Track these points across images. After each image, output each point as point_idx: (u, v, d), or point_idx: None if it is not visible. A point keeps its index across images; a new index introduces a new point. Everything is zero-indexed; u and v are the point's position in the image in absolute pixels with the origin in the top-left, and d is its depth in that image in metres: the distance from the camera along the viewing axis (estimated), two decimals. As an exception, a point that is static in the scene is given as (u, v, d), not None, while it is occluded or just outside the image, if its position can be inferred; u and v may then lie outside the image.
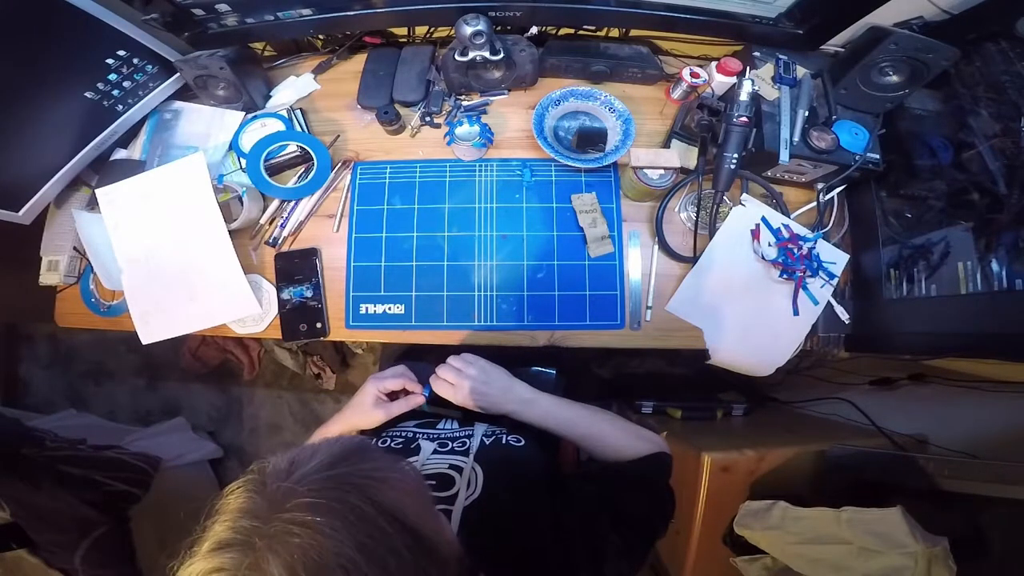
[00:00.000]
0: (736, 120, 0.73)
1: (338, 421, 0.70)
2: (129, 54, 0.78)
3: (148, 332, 0.83)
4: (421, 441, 0.64)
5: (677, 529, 0.87)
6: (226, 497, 0.34)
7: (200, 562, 0.31)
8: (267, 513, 0.32)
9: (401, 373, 0.70)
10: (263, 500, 0.32)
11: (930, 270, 0.71)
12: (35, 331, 1.88)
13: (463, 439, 0.65)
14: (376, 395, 0.68)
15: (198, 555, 0.31)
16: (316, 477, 0.34)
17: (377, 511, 0.33)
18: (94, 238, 0.85)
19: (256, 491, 0.33)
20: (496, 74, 0.86)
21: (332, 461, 0.36)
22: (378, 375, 0.71)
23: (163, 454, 1.27)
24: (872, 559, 0.64)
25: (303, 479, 0.33)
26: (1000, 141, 0.64)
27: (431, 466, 0.59)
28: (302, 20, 0.78)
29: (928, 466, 0.73)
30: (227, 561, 0.30)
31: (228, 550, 0.30)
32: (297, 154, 0.87)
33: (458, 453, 0.61)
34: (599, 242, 0.83)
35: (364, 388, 0.69)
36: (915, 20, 0.70)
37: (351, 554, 0.31)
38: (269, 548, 0.30)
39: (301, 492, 0.32)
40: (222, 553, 0.30)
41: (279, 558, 0.30)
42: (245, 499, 0.33)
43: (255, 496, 0.33)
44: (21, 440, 1.01)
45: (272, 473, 0.34)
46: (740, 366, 0.83)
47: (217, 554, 0.30)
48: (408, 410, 0.69)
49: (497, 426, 0.69)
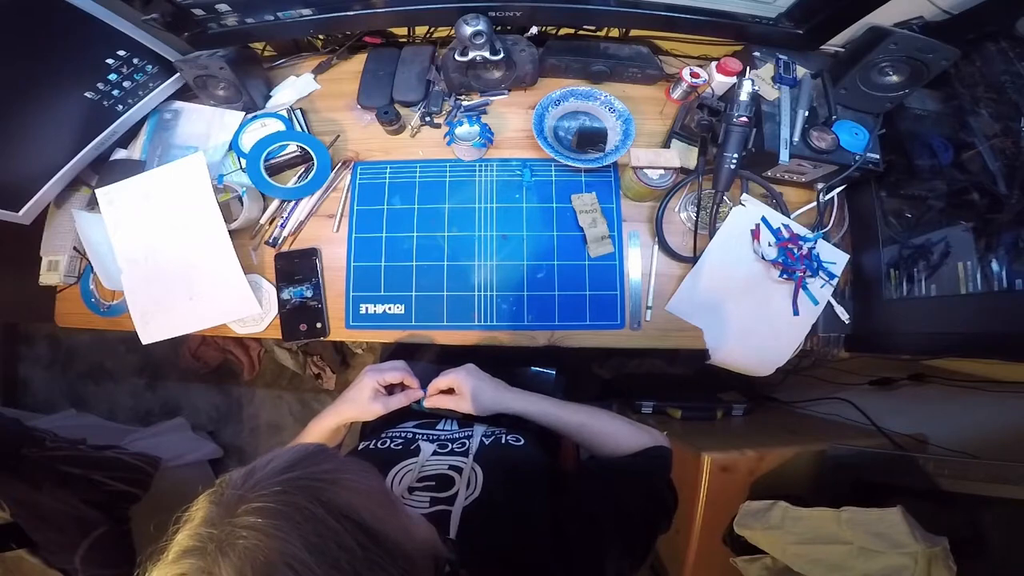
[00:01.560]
0: (736, 120, 0.73)
1: (331, 413, 0.68)
2: (129, 54, 0.78)
3: (148, 332, 0.83)
4: (421, 443, 0.64)
5: (677, 529, 0.87)
6: (193, 507, 0.36)
7: (164, 567, 0.33)
8: (220, 519, 0.33)
9: (400, 367, 0.70)
10: (219, 508, 0.34)
11: (930, 270, 0.71)
12: (35, 331, 1.89)
13: (462, 440, 0.65)
14: (374, 388, 0.67)
15: (163, 562, 0.33)
16: (267, 483, 0.35)
17: (326, 511, 0.34)
18: (94, 238, 0.85)
19: (215, 501, 0.35)
20: (496, 74, 0.86)
21: (284, 466, 0.37)
22: (376, 367, 0.70)
23: (163, 454, 1.27)
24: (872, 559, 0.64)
25: (256, 486, 0.35)
26: (1000, 141, 0.64)
27: (431, 467, 0.59)
28: (302, 20, 0.78)
29: (928, 466, 0.73)
30: (186, 566, 0.32)
31: (187, 556, 0.32)
32: (297, 154, 0.87)
33: (458, 454, 0.61)
34: (599, 242, 0.83)
35: (360, 380, 0.68)
36: (915, 20, 0.70)
37: (298, 553, 0.32)
38: (220, 551, 0.32)
39: (251, 498, 0.34)
40: (182, 560, 0.32)
41: (228, 560, 0.31)
42: (205, 509, 0.35)
43: (213, 506, 0.35)
44: (21, 440, 1.01)
45: (230, 483, 0.36)
46: (740, 366, 0.83)
47: (177, 561, 0.33)
48: (407, 404, 0.69)
49: (497, 426, 0.69)
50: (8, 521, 0.98)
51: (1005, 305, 0.61)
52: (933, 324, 0.70)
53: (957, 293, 0.66)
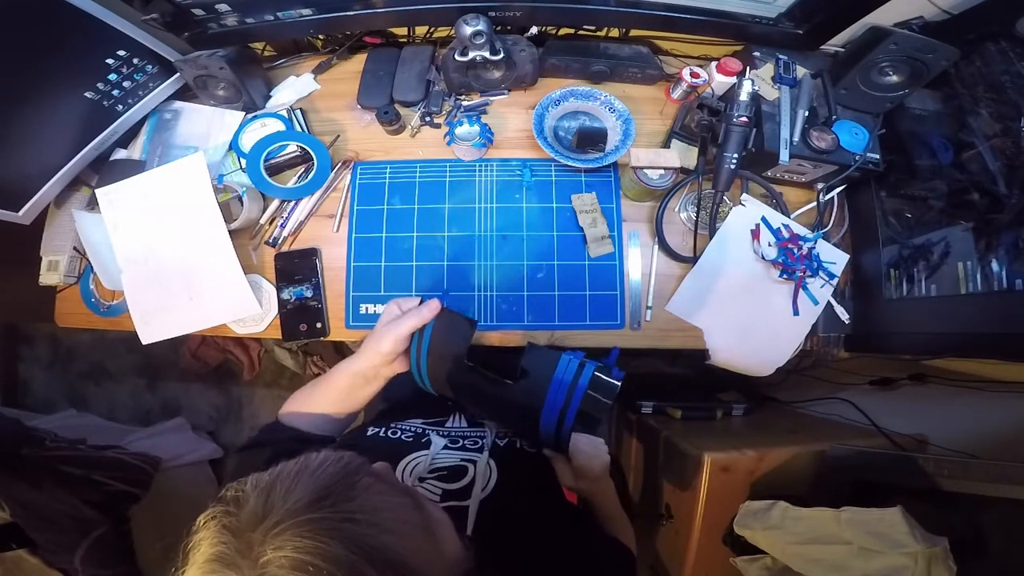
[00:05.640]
0: (736, 120, 0.73)
1: (358, 354, 0.63)
2: (129, 54, 0.78)
3: (148, 332, 0.83)
4: (432, 436, 0.62)
5: (677, 529, 0.87)
6: (198, 532, 0.32)
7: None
8: (237, 559, 0.30)
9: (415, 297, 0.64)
10: (234, 550, 0.30)
11: (930, 270, 0.71)
12: (35, 331, 1.89)
13: (475, 438, 0.64)
14: (393, 312, 0.59)
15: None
16: (291, 523, 0.31)
17: (366, 559, 0.31)
18: (94, 238, 0.85)
19: (227, 538, 0.31)
20: (496, 74, 0.86)
21: (311, 500, 0.32)
22: (396, 300, 0.63)
23: (163, 454, 1.27)
24: (872, 559, 0.64)
25: (278, 525, 0.31)
26: (1000, 141, 0.64)
27: (443, 459, 0.58)
28: (302, 20, 0.78)
29: (928, 466, 0.73)
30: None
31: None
32: (297, 154, 0.87)
33: (471, 450, 0.60)
34: (599, 242, 0.83)
35: (384, 312, 0.62)
36: (915, 20, 0.70)
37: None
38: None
39: (274, 541, 0.30)
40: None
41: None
42: (217, 544, 0.31)
43: (225, 546, 0.31)
44: (21, 440, 1.01)
45: (246, 516, 0.31)
46: (740, 366, 0.83)
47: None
48: (422, 322, 0.59)
49: None
50: (8, 521, 0.98)
51: (1005, 305, 0.61)
52: (933, 324, 0.70)
53: (957, 293, 0.66)
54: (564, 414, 0.54)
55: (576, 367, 0.54)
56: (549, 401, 0.54)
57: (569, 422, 0.54)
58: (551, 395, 0.54)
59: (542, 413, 0.54)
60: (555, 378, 0.54)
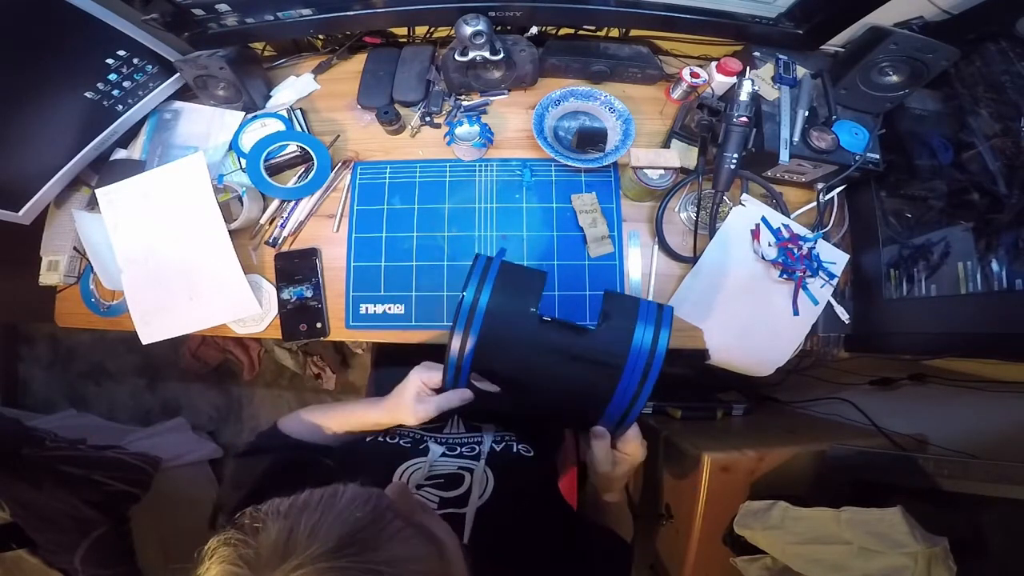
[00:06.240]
0: (736, 120, 0.73)
1: (379, 409, 0.61)
2: (129, 54, 0.78)
3: (148, 332, 0.83)
4: (430, 443, 0.62)
5: (677, 529, 0.87)
6: (211, 557, 0.31)
7: None
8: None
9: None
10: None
11: (930, 270, 0.71)
12: (35, 331, 1.89)
13: (472, 444, 0.64)
14: (419, 388, 0.58)
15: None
16: (312, 569, 0.29)
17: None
18: (94, 238, 0.85)
19: (244, 572, 0.30)
20: (496, 74, 0.86)
21: (336, 546, 0.31)
22: (425, 365, 0.61)
23: (163, 454, 1.27)
24: (872, 559, 0.64)
25: (299, 569, 0.29)
26: (1000, 141, 0.64)
27: (440, 467, 0.58)
28: (302, 20, 0.78)
29: (928, 466, 0.73)
30: None
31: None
32: (297, 154, 0.87)
33: (468, 457, 0.60)
34: (599, 242, 0.83)
35: (408, 381, 0.60)
36: (915, 20, 0.70)
37: None
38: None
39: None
40: None
41: None
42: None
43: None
44: (21, 440, 1.01)
45: (266, 552, 0.30)
46: (740, 366, 0.83)
47: None
48: (457, 405, 0.58)
49: (506, 431, 0.69)
50: (8, 521, 0.98)
51: (1005, 305, 0.61)
52: (933, 324, 0.70)
53: (957, 293, 0.66)
54: (646, 374, 0.48)
55: (655, 309, 0.48)
56: (633, 350, 0.48)
57: (653, 378, 0.47)
58: (636, 340, 0.48)
59: (624, 370, 0.48)
60: (639, 315, 0.49)
